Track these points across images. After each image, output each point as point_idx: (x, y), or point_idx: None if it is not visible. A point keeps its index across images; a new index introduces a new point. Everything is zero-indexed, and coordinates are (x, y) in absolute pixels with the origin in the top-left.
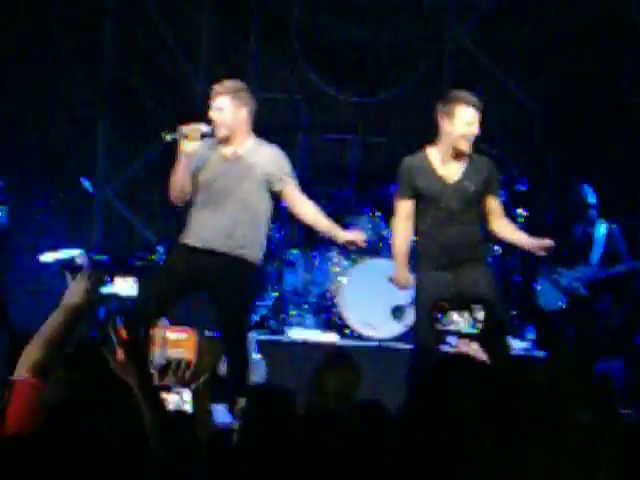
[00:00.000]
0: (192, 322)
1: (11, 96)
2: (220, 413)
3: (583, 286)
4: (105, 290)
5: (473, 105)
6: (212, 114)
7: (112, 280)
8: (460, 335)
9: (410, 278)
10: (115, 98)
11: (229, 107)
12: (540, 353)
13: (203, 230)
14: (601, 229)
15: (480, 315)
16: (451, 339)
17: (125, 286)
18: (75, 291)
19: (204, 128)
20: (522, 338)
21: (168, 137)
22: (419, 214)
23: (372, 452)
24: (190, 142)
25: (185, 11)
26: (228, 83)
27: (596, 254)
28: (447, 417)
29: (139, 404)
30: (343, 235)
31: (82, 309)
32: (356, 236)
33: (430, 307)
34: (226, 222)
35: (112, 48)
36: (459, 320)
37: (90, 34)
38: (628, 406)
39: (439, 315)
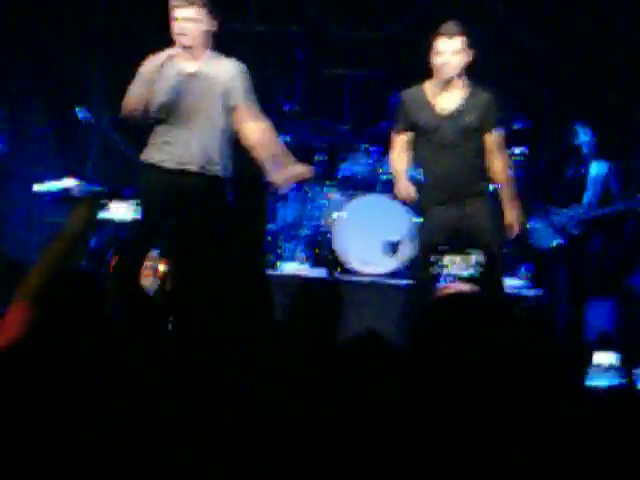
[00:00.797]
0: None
1: (8, 25)
2: None
3: (575, 225)
4: (101, 215)
5: (442, 34)
6: (181, 24)
7: (108, 206)
8: (456, 276)
9: (410, 187)
10: (112, 30)
11: (202, 18)
12: (532, 292)
13: (174, 149)
14: (595, 169)
15: (475, 259)
16: (447, 277)
17: (121, 211)
18: (75, 219)
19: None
20: (516, 276)
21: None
22: (417, 148)
23: (372, 383)
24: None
25: None
26: None
27: (589, 194)
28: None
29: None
30: (281, 173)
31: (82, 236)
32: (295, 172)
33: (426, 250)
34: (197, 139)
35: None
36: (454, 263)
37: None
38: (621, 348)
39: (434, 258)
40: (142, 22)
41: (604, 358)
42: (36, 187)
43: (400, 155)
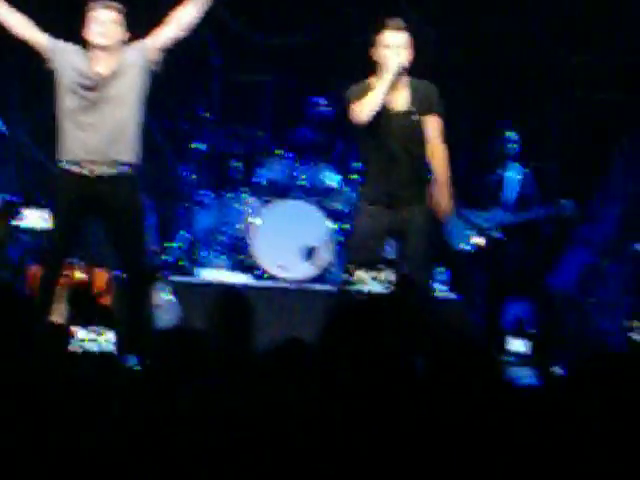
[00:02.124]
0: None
1: None
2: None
3: (496, 228)
4: (19, 224)
5: (390, 28)
6: (103, 25)
7: (21, 213)
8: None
9: None
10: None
11: (121, 24)
12: (452, 295)
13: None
14: (514, 172)
15: (385, 276)
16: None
17: (37, 219)
18: None
19: None
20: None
21: None
22: (362, 142)
23: (293, 389)
24: None
25: None
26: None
27: (509, 197)
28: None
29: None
30: None
31: None
32: None
33: (353, 254)
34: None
35: None
36: (364, 281)
37: None
38: (538, 349)
39: (349, 277)
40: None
41: (517, 345)
42: None
43: None
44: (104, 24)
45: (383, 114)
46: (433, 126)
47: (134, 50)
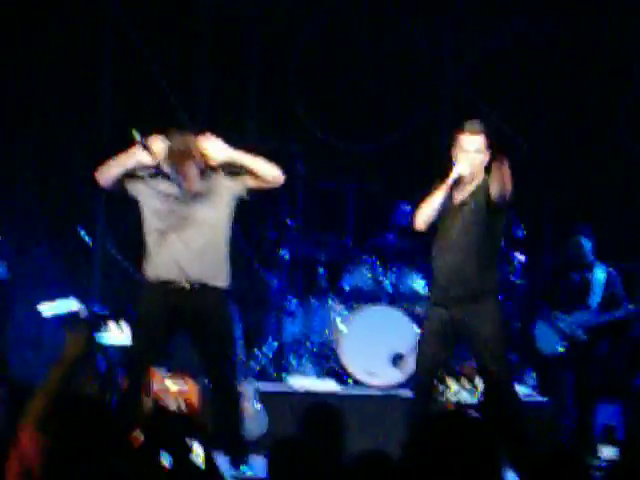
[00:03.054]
0: (194, 370)
1: (10, 145)
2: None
3: (582, 331)
4: (103, 340)
5: (466, 131)
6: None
7: (106, 327)
8: (460, 405)
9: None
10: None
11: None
12: (541, 398)
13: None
14: (599, 273)
15: (478, 382)
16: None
17: (120, 334)
18: (71, 344)
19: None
20: (523, 383)
21: (136, 134)
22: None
23: None
24: (147, 155)
25: (183, 63)
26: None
27: (594, 298)
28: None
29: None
30: None
31: (78, 361)
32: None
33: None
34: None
35: (110, 101)
36: (459, 389)
37: (88, 87)
38: (627, 449)
39: (439, 385)
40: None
41: (608, 452)
42: (41, 308)
43: None
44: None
45: (448, 209)
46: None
47: (227, 178)
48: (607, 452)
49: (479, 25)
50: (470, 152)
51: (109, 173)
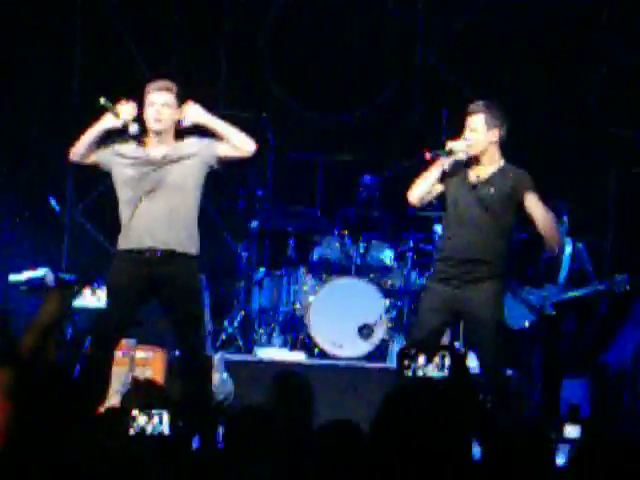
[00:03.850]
0: (161, 341)
1: None
2: None
3: (551, 305)
4: (75, 304)
5: (467, 112)
6: (158, 108)
7: (81, 293)
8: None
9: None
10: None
11: (175, 105)
12: (508, 372)
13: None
14: (568, 248)
15: (448, 361)
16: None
17: (93, 298)
18: (47, 309)
19: (133, 127)
20: None
21: (102, 101)
22: (443, 216)
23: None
24: (116, 120)
25: (154, 30)
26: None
27: (562, 274)
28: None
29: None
30: None
31: (53, 327)
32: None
33: (416, 330)
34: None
35: (80, 71)
36: (427, 365)
37: (59, 56)
38: (594, 424)
39: (408, 362)
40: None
41: (572, 432)
42: (11, 277)
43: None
44: (157, 108)
45: (462, 185)
46: (528, 203)
47: (198, 143)
48: (571, 430)
49: None
50: (466, 130)
51: (79, 146)
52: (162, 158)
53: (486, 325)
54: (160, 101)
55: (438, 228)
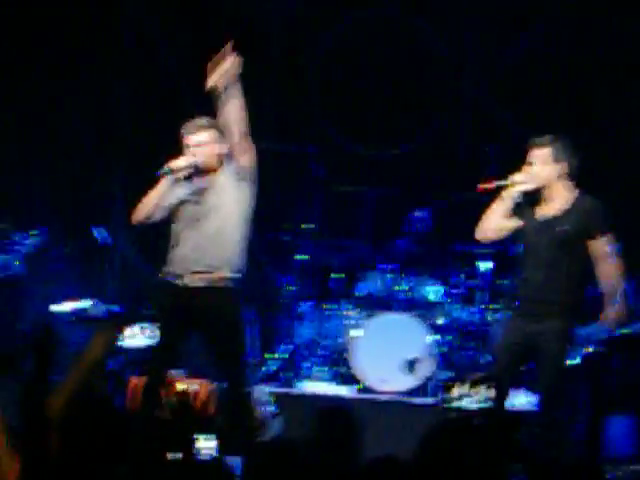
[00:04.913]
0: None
1: (25, 145)
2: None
3: (599, 342)
4: (121, 343)
5: (531, 145)
6: (194, 149)
7: (131, 329)
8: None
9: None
10: (130, 148)
11: (214, 140)
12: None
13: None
14: None
15: (485, 394)
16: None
17: (135, 339)
18: (95, 344)
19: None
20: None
21: (161, 171)
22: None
23: None
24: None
25: (199, 57)
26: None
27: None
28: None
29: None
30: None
31: (101, 361)
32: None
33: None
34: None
35: (127, 96)
36: (463, 396)
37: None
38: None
39: (446, 395)
40: (161, 143)
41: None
42: (54, 307)
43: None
44: (191, 148)
45: (534, 221)
46: (596, 246)
47: (228, 165)
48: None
49: (498, 32)
50: (531, 164)
51: (143, 210)
52: (203, 190)
53: (550, 362)
54: (195, 142)
55: (480, 265)
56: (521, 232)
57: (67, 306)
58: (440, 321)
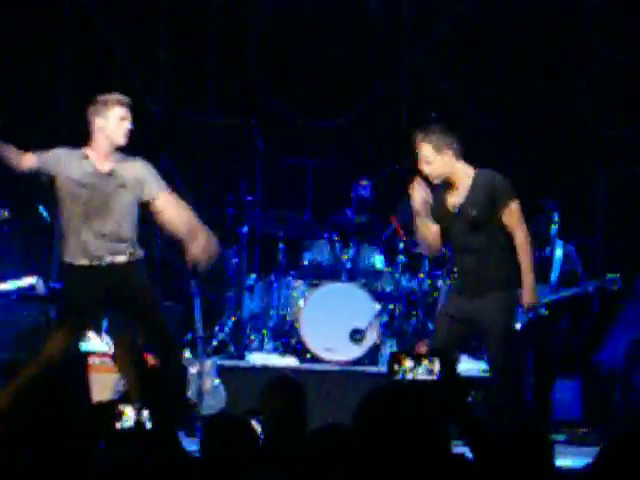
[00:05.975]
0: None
1: None
2: None
3: (543, 305)
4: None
5: (414, 143)
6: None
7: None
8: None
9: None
10: (71, 125)
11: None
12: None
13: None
14: (559, 250)
15: (439, 367)
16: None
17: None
18: (50, 346)
19: None
20: (480, 358)
21: None
22: None
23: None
24: None
25: (142, 34)
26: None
27: (554, 274)
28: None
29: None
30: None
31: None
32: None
33: (390, 358)
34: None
35: (68, 76)
36: (416, 369)
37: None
38: (585, 425)
39: (397, 366)
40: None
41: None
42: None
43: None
44: (126, 123)
45: (446, 212)
46: (506, 217)
47: (145, 171)
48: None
49: None
50: (422, 161)
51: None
52: (110, 172)
53: (496, 332)
54: (127, 115)
55: None
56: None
57: (10, 284)
58: (386, 289)
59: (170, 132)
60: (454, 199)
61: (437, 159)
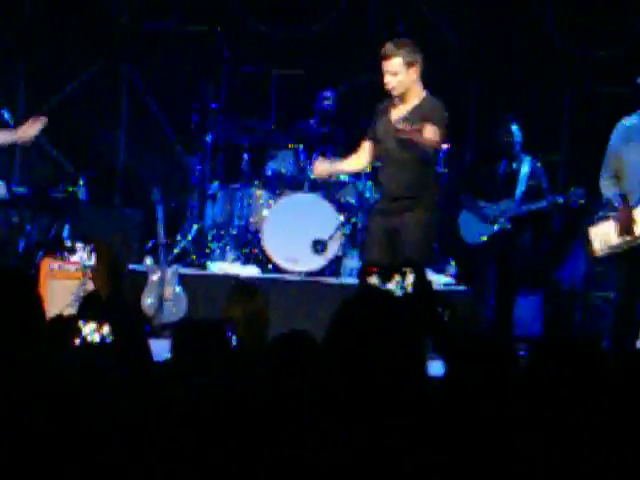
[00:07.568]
0: None
1: None
2: None
3: (507, 219)
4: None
5: (381, 57)
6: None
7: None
8: None
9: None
10: (35, 33)
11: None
12: (461, 287)
13: None
14: (525, 165)
15: (408, 279)
16: None
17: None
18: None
19: None
20: (443, 272)
21: None
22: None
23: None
24: None
25: None
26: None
27: (520, 189)
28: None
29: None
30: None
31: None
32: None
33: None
34: None
35: None
36: (387, 283)
37: None
38: (548, 332)
39: (369, 278)
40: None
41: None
42: None
43: (352, 157)
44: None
45: (385, 126)
46: (426, 130)
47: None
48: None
49: None
50: (387, 74)
51: None
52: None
53: (410, 248)
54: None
55: None
56: (374, 136)
57: None
58: (349, 201)
59: (135, 41)
60: (398, 113)
61: (404, 73)
